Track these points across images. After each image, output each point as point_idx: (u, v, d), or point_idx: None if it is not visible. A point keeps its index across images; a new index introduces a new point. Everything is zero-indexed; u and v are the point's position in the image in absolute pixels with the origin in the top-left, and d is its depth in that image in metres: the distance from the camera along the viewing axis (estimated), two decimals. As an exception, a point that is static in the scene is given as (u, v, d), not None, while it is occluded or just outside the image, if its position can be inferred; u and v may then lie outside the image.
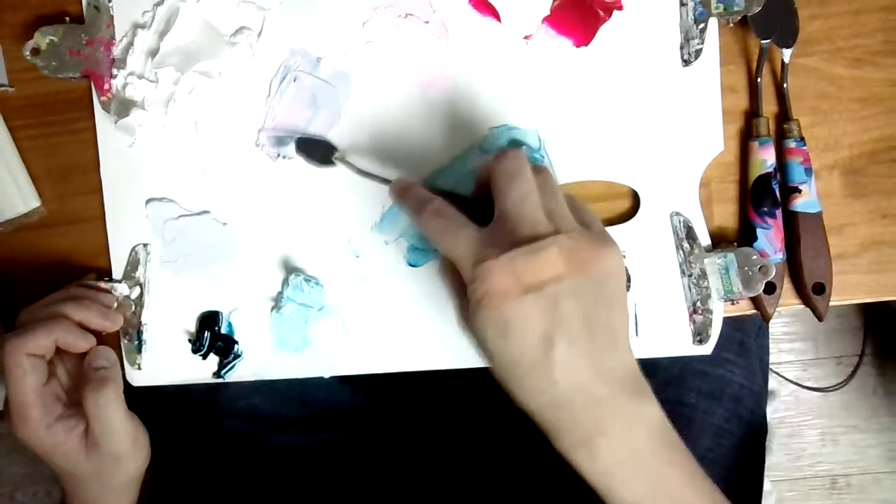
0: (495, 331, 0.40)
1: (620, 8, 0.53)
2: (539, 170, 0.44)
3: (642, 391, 0.42)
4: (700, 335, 0.54)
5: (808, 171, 0.53)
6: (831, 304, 0.54)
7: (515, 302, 0.39)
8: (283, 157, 0.56)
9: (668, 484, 0.41)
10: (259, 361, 0.57)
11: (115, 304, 0.56)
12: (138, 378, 0.58)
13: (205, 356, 0.57)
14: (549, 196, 0.43)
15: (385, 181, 0.51)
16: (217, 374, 0.57)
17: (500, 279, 0.40)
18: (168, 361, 0.58)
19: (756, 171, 0.53)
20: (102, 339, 0.54)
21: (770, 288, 0.54)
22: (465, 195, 0.49)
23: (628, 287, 0.54)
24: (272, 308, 0.56)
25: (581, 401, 0.40)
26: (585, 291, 0.40)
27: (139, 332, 0.57)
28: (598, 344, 0.40)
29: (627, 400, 0.41)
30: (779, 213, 0.53)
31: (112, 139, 0.56)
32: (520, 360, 0.40)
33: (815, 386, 1.36)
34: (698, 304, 0.54)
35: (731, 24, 0.54)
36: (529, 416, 0.42)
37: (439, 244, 0.44)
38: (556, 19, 0.54)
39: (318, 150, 0.55)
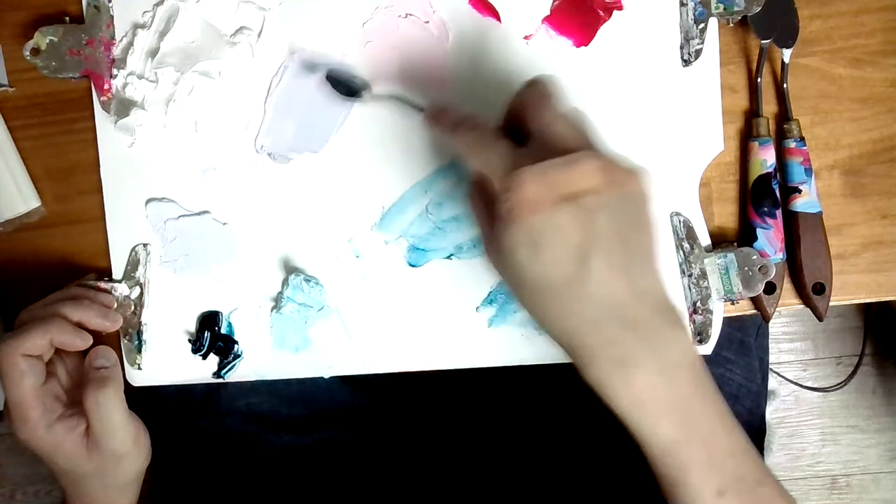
0: (526, 243, 0.39)
1: (620, 8, 0.53)
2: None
3: (677, 319, 0.41)
4: (700, 335, 0.55)
5: (808, 171, 0.53)
6: (831, 303, 0.54)
7: (549, 211, 0.38)
8: (277, 159, 0.56)
9: (701, 418, 0.40)
10: (259, 361, 0.57)
11: (115, 304, 0.56)
12: (138, 378, 0.58)
13: (205, 356, 0.57)
14: (582, 120, 0.42)
15: (419, 108, 0.50)
16: (217, 374, 0.57)
17: (534, 187, 0.38)
18: (168, 361, 0.58)
19: (756, 171, 0.53)
20: (103, 338, 0.54)
21: (770, 288, 0.54)
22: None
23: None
24: (272, 308, 0.56)
25: (617, 320, 0.39)
26: (620, 208, 0.39)
27: (139, 332, 0.57)
28: (634, 262, 0.39)
29: (664, 325, 0.40)
30: (779, 213, 0.53)
31: (112, 139, 0.57)
32: (552, 274, 0.39)
33: (815, 386, 1.36)
34: (698, 303, 0.54)
35: (731, 24, 0.54)
36: (558, 342, 0.41)
37: (472, 157, 0.43)
38: (556, 19, 0.54)
39: (346, 85, 0.54)
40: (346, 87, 0.54)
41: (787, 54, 0.53)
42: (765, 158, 0.53)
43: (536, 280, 0.39)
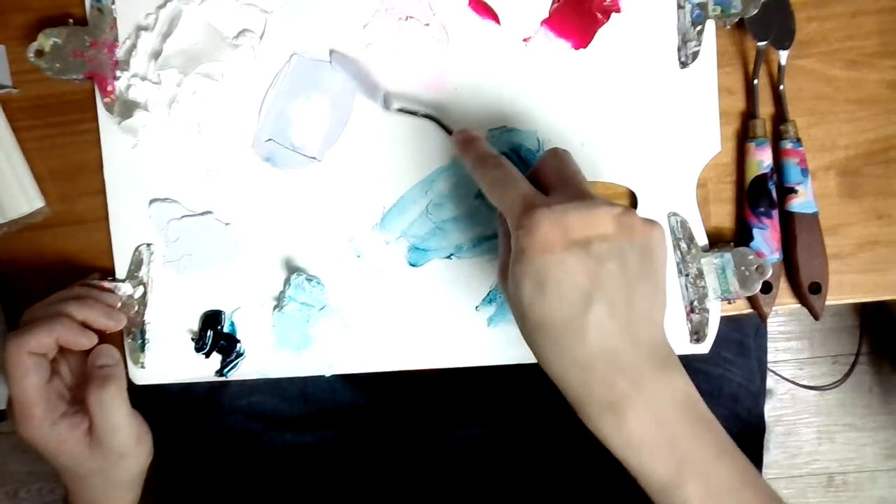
0: (533, 281, 0.40)
1: (618, 11, 0.54)
2: None
3: (671, 364, 0.41)
4: (697, 334, 0.55)
5: (805, 172, 0.54)
6: (827, 303, 0.55)
7: (559, 254, 0.39)
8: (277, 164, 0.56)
9: (696, 456, 0.40)
10: (261, 360, 0.58)
11: (119, 304, 0.56)
12: (142, 376, 0.58)
13: (207, 355, 0.58)
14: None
15: (445, 128, 0.52)
16: (219, 373, 0.58)
17: (548, 229, 0.39)
18: (171, 360, 0.58)
19: (753, 172, 0.54)
20: (106, 337, 0.54)
21: (766, 287, 0.54)
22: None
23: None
24: (274, 307, 0.57)
25: (609, 364, 0.40)
26: (631, 257, 0.40)
27: (142, 331, 0.58)
28: (635, 313, 0.40)
29: (656, 370, 0.40)
30: (775, 213, 0.54)
31: (115, 140, 0.57)
32: (554, 315, 0.40)
33: (811, 384, 1.36)
34: (695, 303, 0.55)
35: (728, 27, 0.54)
36: (555, 381, 0.42)
37: (494, 193, 0.44)
38: (554, 22, 0.54)
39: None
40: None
41: (783, 56, 0.53)
42: (761, 159, 0.54)
43: (537, 318, 0.40)
